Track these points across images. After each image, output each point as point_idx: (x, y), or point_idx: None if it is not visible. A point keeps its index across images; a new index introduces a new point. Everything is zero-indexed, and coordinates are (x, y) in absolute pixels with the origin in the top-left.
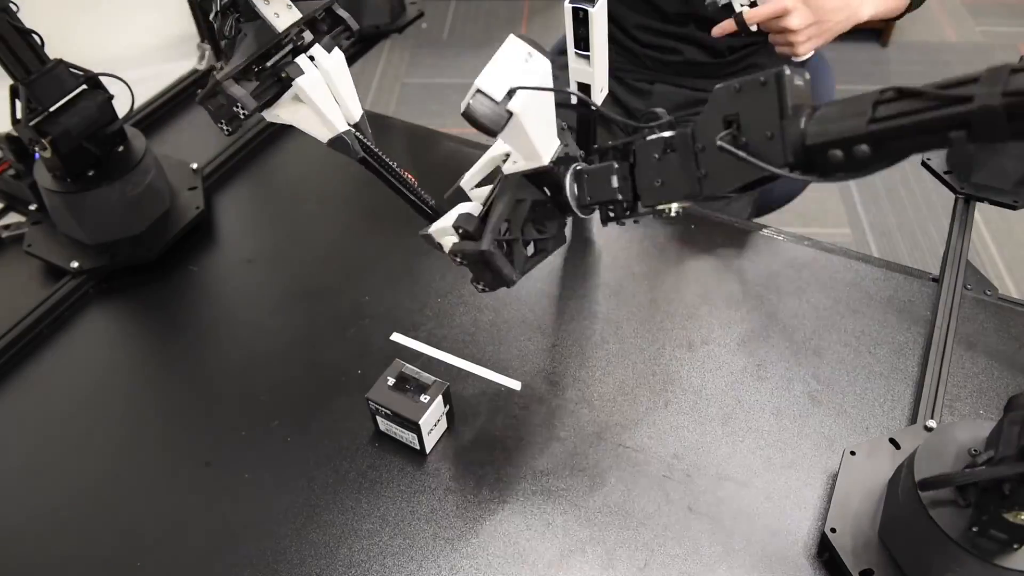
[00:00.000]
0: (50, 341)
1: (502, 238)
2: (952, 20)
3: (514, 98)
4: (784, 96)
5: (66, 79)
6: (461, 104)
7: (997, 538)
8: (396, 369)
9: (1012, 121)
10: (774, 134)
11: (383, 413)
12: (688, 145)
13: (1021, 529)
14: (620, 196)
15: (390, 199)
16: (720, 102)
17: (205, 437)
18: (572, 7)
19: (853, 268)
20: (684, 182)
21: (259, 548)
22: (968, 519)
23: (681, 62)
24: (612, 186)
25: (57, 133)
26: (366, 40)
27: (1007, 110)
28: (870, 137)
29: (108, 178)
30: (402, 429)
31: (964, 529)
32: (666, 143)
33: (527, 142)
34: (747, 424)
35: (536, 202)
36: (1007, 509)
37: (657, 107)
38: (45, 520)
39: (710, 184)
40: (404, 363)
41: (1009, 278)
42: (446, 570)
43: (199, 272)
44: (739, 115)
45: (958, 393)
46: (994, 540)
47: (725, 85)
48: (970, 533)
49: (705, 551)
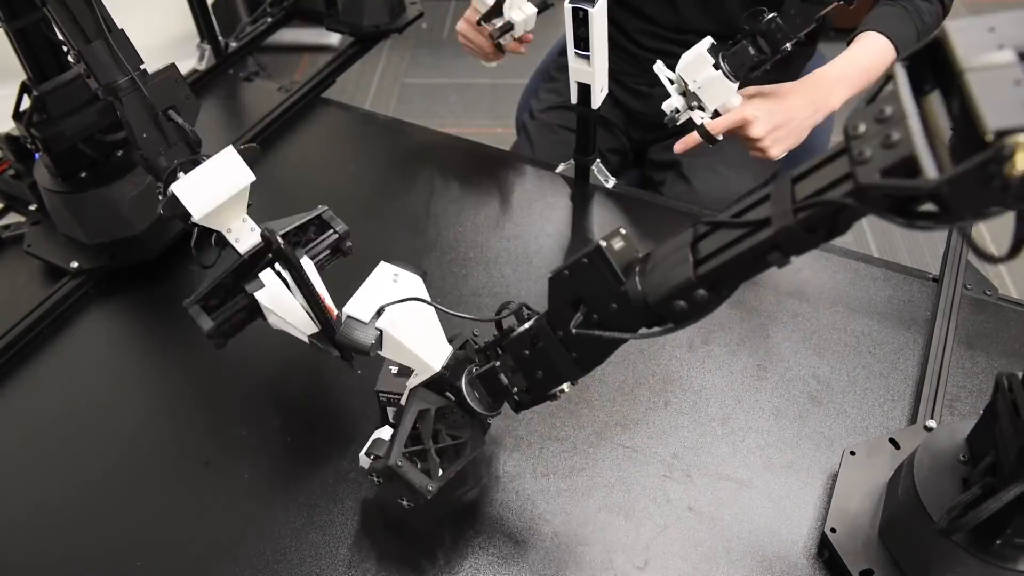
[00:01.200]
0: (50, 341)
1: (410, 451)
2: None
3: (382, 316)
4: (611, 267)
5: (81, 91)
6: (338, 332)
7: (1020, 545)
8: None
9: (813, 232)
10: (618, 305)
11: (395, 402)
12: (550, 335)
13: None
14: (515, 388)
15: (390, 200)
16: (560, 288)
17: (205, 437)
18: (572, 7)
19: (853, 268)
20: (563, 368)
21: (259, 548)
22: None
23: None
24: (503, 383)
25: (49, 133)
26: (366, 40)
27: (803, 225)
28: (702, 281)
29: (108, 178)
30: None
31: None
32: (531, 337)
33: (410, 354)
34: (747, 424)
35: (441, 409)
36: None
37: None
38: (45, 519)
39: (584, 363)
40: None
41: (1009, 278)
42: (446, 570)
43: (199, 272)
44: (582, 296)
45: (958, 393)
46: (1018, 548)
47: (555, 273)
48: (995, 547)
49: (705, 551)
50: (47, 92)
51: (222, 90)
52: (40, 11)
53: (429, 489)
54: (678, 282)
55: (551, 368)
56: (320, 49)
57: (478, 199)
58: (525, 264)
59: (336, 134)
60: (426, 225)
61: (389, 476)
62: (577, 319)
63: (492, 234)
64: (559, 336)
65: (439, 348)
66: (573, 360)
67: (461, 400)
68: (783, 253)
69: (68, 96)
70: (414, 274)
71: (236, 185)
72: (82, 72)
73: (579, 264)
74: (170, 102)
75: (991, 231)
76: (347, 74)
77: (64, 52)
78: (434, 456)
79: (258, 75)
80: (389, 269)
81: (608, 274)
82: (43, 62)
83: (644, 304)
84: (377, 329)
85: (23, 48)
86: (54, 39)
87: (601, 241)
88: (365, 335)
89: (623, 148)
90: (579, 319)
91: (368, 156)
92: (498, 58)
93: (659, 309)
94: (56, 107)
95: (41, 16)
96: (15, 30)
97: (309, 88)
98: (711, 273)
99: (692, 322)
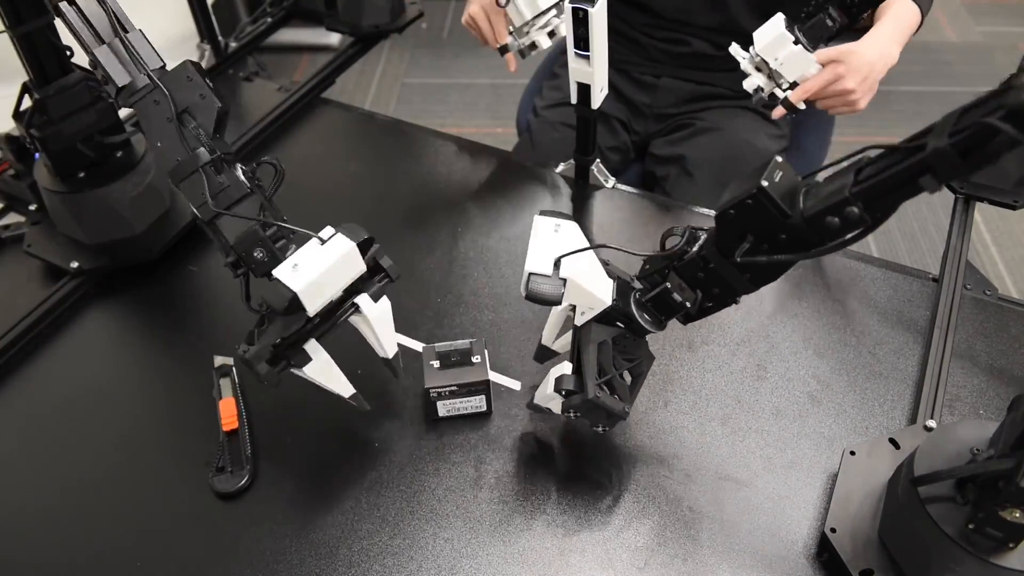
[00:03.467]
0: (50, 341)
1: (601, 381)
2: (952, 20)
3: (562, 266)
4: (776, 205)
5: (82, 94)
6: (521, 290)
7: (993, 536)
8: (431, 354)
9: (965, 158)
10: (787, 235)
11: (446, 394)
12: (721, 261)
13: (1016, 527)
14: (689, 304)
15: (390, 200)
16: (727, 224)
17: (204, 437)
18: (572, 7)
19: (853, 268)
20: (739, 286)
21: (259, 548)
22: (966, 516)
23: (689, 54)
24: (677, 301)
25: (48, 134)
26: (366, 40)
27: (956, 149)
28: (855, 198)
29: (108, 178)
30: (468, 398)
31: (963, 527)
32: (703, 261)
33: (587, 295)
34: (747, 424)
35: (616, 338)
36: (1001, 506)
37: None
38: (44, 519)
39: (758, 281)
40: (432, 345)
41: (1009, 278)
42: (446, 570)
43: (199, 272)
44: (749, 228)
45: (958, 393)
46: (990, 538)
47: (721, 211)
48: (967, 530)
49: (705, 551)
50: (49, 96)
51: (222, 90)
52: (45, 17)
53: (627, 411)
54: (834, 198)
55: (727, 286)
56: (320, 49)
57: (478, 199)
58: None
59: (336, 134)
60: (426, 225)
61: (588, 409)
62: (743, 248)
63: (492, 234)
64: (731, 261)
65: (606, 283)
66: (748, 280)
67: (633, 326)
68: (936, 177)
69: (70, 99)
70: (569, 220)
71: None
72: (99, 77)
73: (743, 205)
74: (184, 104)
75: (991, 231)
76: (347, 74)
77: (67, 56)
78: (622, 381)
79: (258, 75)
80: (548, 222)
81: (774, 210)
82: (46, 66)
83: (805, 224)
84: (561, 279)
85: (27, 52)
86: (58, 44)
87: (763, 181)
88: (553, 287)
89: (624, 146)
90: (745, 248)
91: (368, 156)
92: (500, 44)
93: (813, 224)
94: (57, 110)
95: (46, 22)
96: (20, 35)
97: (309, 88)
98: (865, 191)
99: (845, 242)
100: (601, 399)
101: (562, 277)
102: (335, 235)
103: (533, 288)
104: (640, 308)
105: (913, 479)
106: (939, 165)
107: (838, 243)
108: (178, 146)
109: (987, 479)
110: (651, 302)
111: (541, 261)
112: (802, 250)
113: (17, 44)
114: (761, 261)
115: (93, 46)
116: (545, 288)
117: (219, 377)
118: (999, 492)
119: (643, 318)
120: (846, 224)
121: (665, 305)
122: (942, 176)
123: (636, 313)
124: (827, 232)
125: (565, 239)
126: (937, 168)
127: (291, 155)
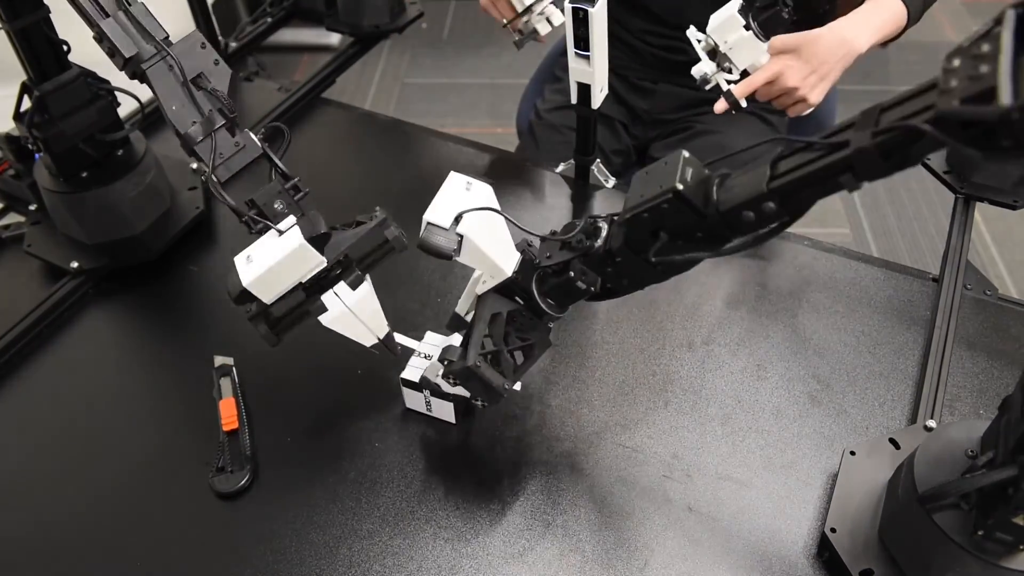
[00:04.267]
0: (50, 341)
1: (485, 352)
2: (952, 20)
3: (461, 222)
4: (693, 207)
5: (82, 91)
6: (418, 238)
7: (1003, 540)
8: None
9: (887, 159)
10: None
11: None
12: (631, 256)
13: None
14: (593, 289)
15: (389, 201)
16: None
17: (204, 437)
18: (572, 7)
19: (853, 268)
20: (648, 277)
21: (259, 548)
22: (972, 523)
23: (686, 62)
24: (581, 289)
25: (51, 133)
26: (366, 40)
27: (879, 149)
28: (772, 194)
29: (108, 178)
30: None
31: (963, 529)
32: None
33: (485, 259)
34: (747, 424)
35: (512, 312)
36: (1013, 512)
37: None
38: (45, 519)
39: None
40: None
41: (1009, 278)
42: (446, 570)
43: (199, 272)
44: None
45: (958, 393)
46: (1000, 543)
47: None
48: (976, 537)
49: (705, 551)
50: (48, 92)
51: None
52: (41, 10)
53: (506, 388)
54: (750, 193)
55: (636, 278)
56: (320, 49)
57: None
58: None
59: (336, 134)
60: None
61: (466, 377)
62: (656, 246)
63: None
64: (643, 258)
65: (510, 254)
66: (658, 271)
67: (532, 304)
68: (855, 176)
69: (69, 96)
70: (485, 184)
71: (306, 271)
72: (105, 51)
73: (658, 209)
74: (197, 70)
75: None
76: (347, 74)
77: (65, 52)
78: (507, 356)
79: (258, 75)
80: (461, 179)
81: (690, 212)
82: (44, 62)
83: (720, 219)
84: (457, 235)
85: (24, 48)
86: (55, 38)
87: (677, 183)
88: (447, 240)
89: (627, 149)
90: (659, 247)
91: (368, 156)
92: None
93: (728, 219)
94: (57, 107)
95: (42, 15)
96: (16, 30)
97: (309, 88)
98: (783, 187)
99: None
100: (480, 370)
101: (459, 232)
102: (292, 228)
103: (426, 237)
104: (540, 285)
105: (919, 498)
106: (860, 165)
107: (754, 237)
108: (192, 110)
109: (993, 487)
110: (553, 289)
111: (442, 213)
112: (718, 243)
113: (14, 39)
114: (677, 260)
115: (99, 19)
116: (439, 240)
117: (219, 377)
118: (1008, 498)
119: (545, 301)
120: (762, 218)
121: (566, 291)
122: (862, 175)
123: (537, 293)
124: (743, 226)
125: (474, 198)
126: (858, 167)
127: (291, 155)
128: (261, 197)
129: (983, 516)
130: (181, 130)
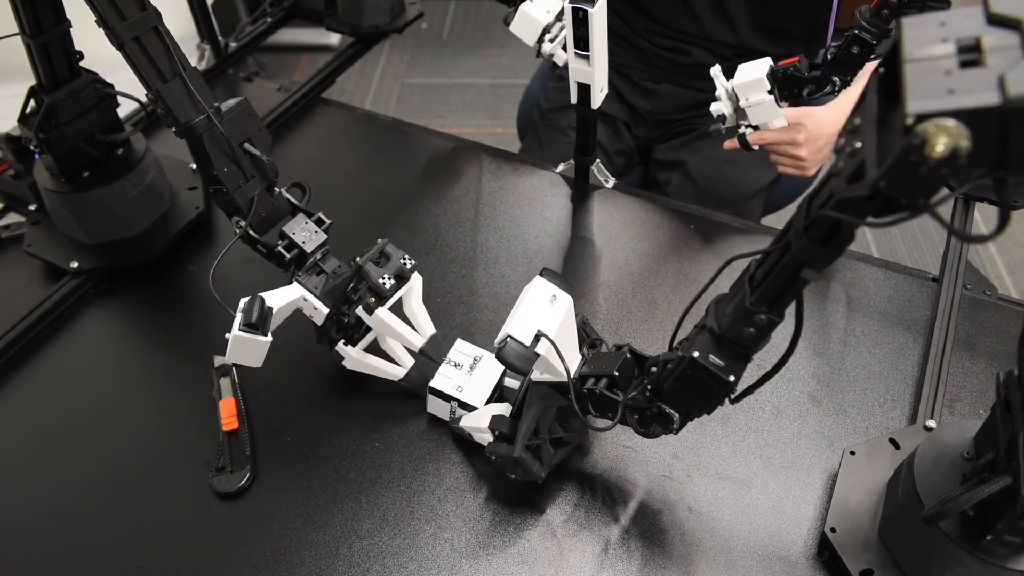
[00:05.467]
0: (50, 341)
1: (532, 443)
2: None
3: (541, 342)
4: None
5: (89, 97)
6: (495, 343)
7: (1011, 543)
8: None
9: (827, 244)
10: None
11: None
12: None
13: None
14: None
15: (389, 201)
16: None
17: (205, 437)
18: (572, 7)
19: (853, 268)
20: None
21: (259, 548)
22: (974, 526)
23: (690, 63)
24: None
25: (53, 135)
26: (366, 40)
27: (815, 242)
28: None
29: (108, 178)
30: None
31: (963, 530)
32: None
33: (554, 368)
34: (747, 424)
35: (562, 409)
36: (1021, 516)
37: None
38: (45, 519)
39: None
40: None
41: (1009, 278)
42: (446, 570)
43: (199, 272)
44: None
45: (958, 393)
46: (1008, 545)
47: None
48: (985, 543)
49: (705, 551)
50: (60, 100)
51: (222, 90)
52: (63, 24)
53: (542, 476)
54: (739, 312)
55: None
56: (320, 49)
57: (478, 199)
58: (525, 264)
59: (336, 134)
60: (426, 225)
61: (508, 461)
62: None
63: (492, 234)
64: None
65: (574, 357)
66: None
67: (581, 405)
68: (812, 268)
69: (79, 102)
70: (567, 294)
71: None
72: (159, 111)
73: (684, 376)
74: (245, 136)
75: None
76: (347, 74)
77: (78, 60)
78: (549, 448)
79: (258, 75)
80: (547, 288)
81: (710, 379)
82: (58, 72)
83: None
84: (535, 354)
85: (42, 59)
86: (71, 49)
87: (694, 352)
88: (525, 363)
89: (629, 150)
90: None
91: (368, 156)
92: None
93: (732, 338)
94: (67, 113)
95: (64, 29)
96: (39, 44)
97: (309, 88)
98: (761, 298)
99: (764, 343)
100: (524, 460)
101: (536, 352)
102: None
103: (506, 353)
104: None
105: (924, 518)
106: (808, 258)
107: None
108: (239, 173)
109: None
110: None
111: (524, 329)
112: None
113: (33, 51)
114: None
115: (155, 83)
116: (517, 362)
117: (219, 377)
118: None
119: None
120: (760, 330)
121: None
122: (818, 266)
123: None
124: (747, 340)
125: (556, 312)
126: (808, 261)
127: (291, 155)
128: (291, 227)
129: (990, 521)
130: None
